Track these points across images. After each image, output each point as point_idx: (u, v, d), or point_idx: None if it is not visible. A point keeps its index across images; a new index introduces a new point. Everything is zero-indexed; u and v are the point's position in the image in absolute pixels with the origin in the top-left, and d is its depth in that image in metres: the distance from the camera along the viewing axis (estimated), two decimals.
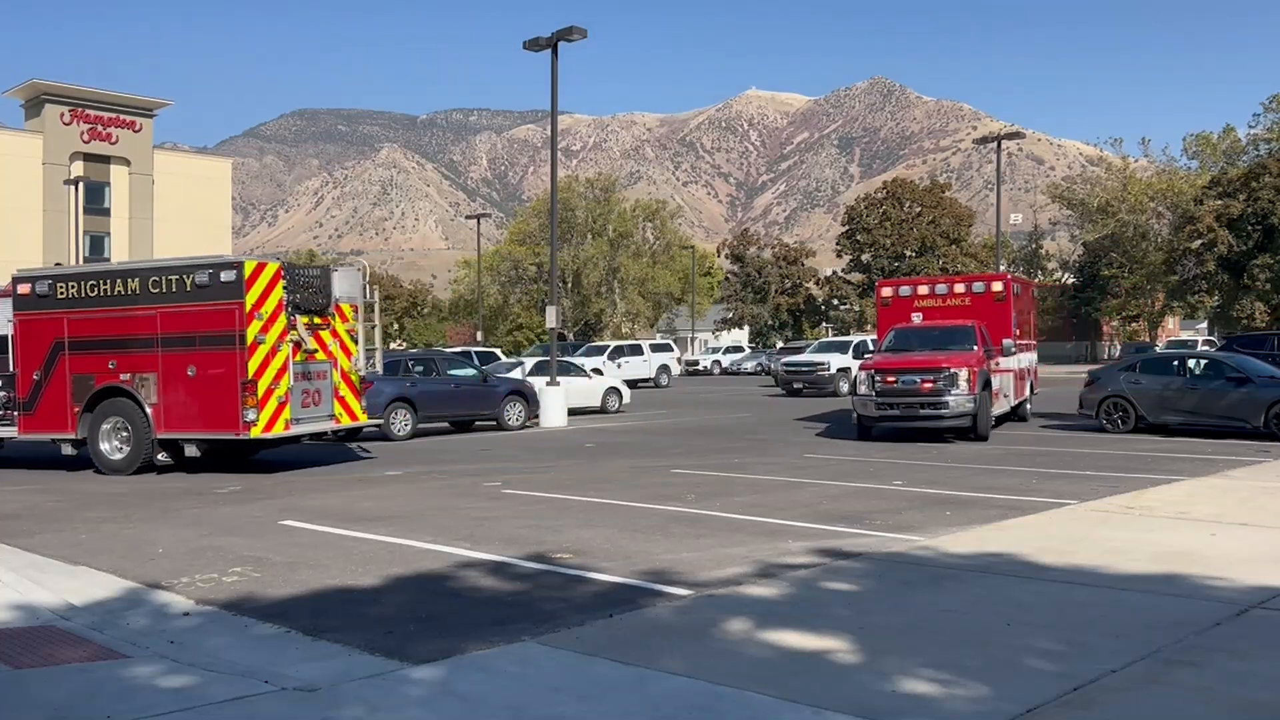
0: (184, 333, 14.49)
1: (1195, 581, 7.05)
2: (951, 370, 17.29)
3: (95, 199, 60.36)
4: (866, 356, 20.72)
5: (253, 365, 14.18)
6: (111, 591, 7.55)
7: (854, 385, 19.01)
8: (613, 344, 46.58)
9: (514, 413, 23.00)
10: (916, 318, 20.58)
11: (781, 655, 5.54)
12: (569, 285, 77.94)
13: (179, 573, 8.12)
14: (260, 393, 14.20)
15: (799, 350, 42.44)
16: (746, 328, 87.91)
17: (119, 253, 61.61)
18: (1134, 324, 74.13)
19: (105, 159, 62.04)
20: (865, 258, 78.89)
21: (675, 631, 6.07)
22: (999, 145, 42.52)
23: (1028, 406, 22.34)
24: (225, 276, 14.28)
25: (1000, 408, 19.13)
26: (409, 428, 21.03)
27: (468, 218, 78.43)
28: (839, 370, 34.05)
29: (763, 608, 6.52)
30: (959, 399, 17.17)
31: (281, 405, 14.52)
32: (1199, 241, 60.99)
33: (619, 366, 41.77)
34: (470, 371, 23.40)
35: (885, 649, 5.59)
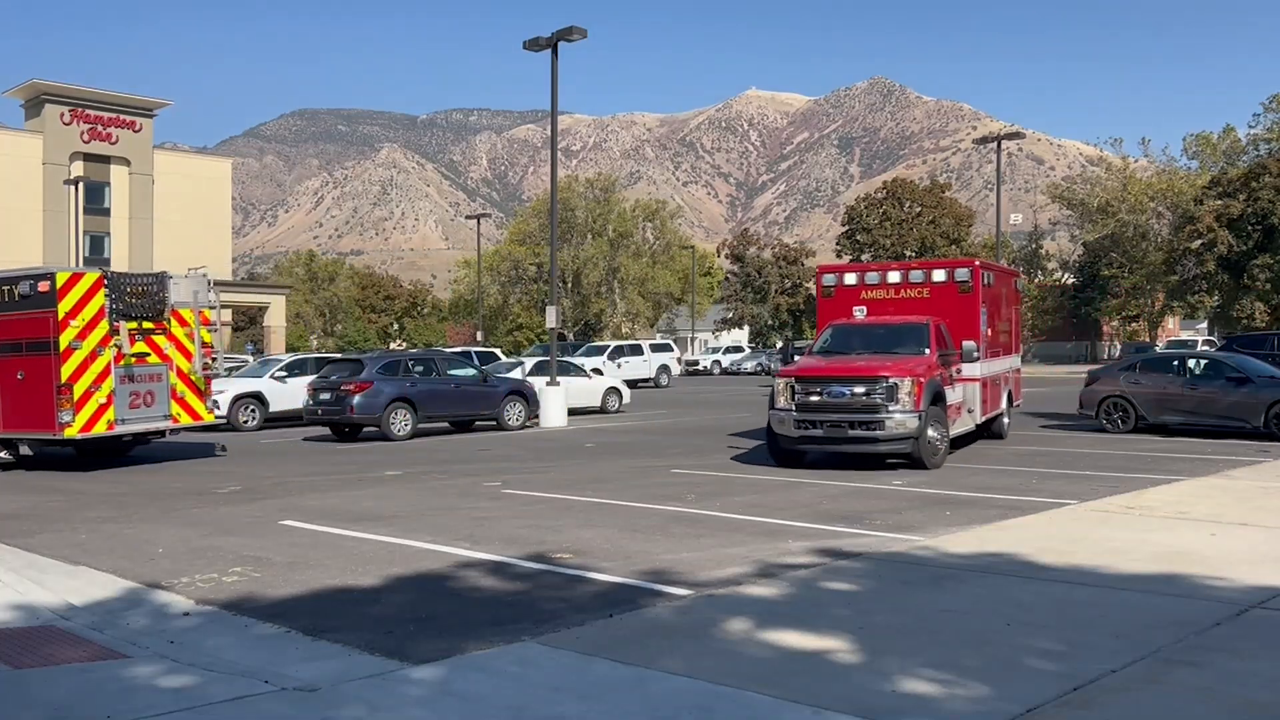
0: (12, 340, 15.59)
1: (1195, 581, 7.05)
2: (891, 380, 13.63)
3: (95, 199, 60.31)
4: (794, 360, 15.72)
5: (66, 370, 15.13)
6: (111, 591, 7.55)
7: (771, 398, 14.70)
8: (613, 344, 46.57)
9: (514, 413, 23.00)
10: (859, 311, 16.54)
11: (781, 655, 5.54)
12: (569, 285, 77.94)
13: (179, 573, 8.12)
14: (76, 396, 15.19)
15: (799, 350, 42.39)
16: (746, 328, 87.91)
17: (119, 253, 61.58)
18: (1134, 324, 74.12)
19: (105, 159, 61.98)
20: (865, 258, 78.83)
21: (675, 631, 6.07)
22: (999, 145, 42.52)
23: (1005, 421, 18.16)
24: (41, 287, 15.32)
25: (962, 425, 15.62)
26: (409, 428, 21.04)
27: (468, 218, 78.46)
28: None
29: (763, 608, 6.52)
30: (899, 417, 13.53)
31: (103, 407, 15.50)
32: (1199, 241, 60.99)
33: (619, 366, 41.76)
34: (470, 371, 23.41)
35: (885, 649, 5.59)
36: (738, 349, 70.62)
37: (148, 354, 16.24)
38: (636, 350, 45.26)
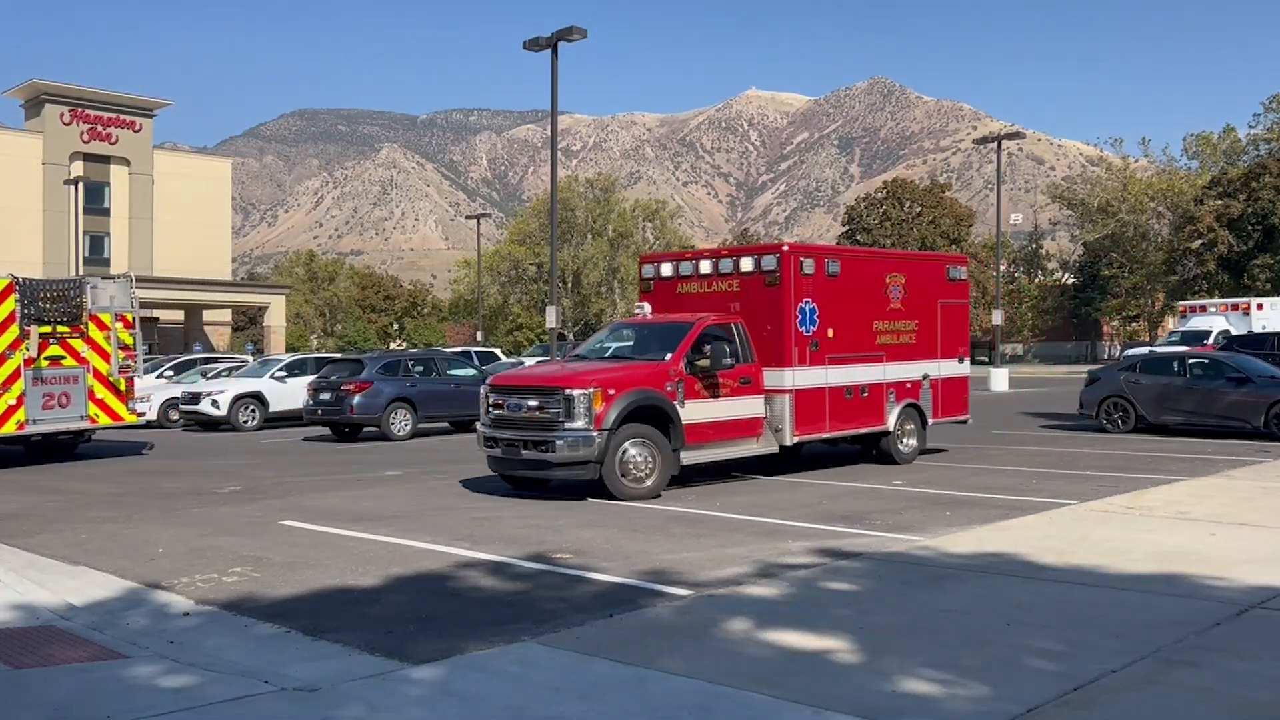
0: None
1: (1195, 581, 7.05)
2: (566, 392, 11.56)
3: (95, 199, 60.31)
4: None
5: None
6: (111, 591, 7.55)
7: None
8: None
9: None
10: (642, 310, 14.09)
11: (781, 655, 5.55)
12: (569, 285, 77.95)
13: (179, 573, 8.12)
14: None
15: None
16: None
17: (119, 253, 61.61)
18: (1134, 324, 74.15)
19: (105, 159, 61.98)
20: None
21: (675, 631, 6.07)
22: (999, 145, 42.51)
23: (905, 442, 14.95)
24: None
25: (761, 445, 13.22)
26: (409, 428, 21.05)
27: (468, 218, 78.46)
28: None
29: (763, 608, 6.52)
30: (572, 437, 11.45)
31: (12, 408, 16.19)
32: (1199, 241, 61.01)
33: None
34: (470, 371, 23.40)
35: (885, 649, 5.59)
36: None
37: (63, 357, 16.89)
38: None
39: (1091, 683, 4.99)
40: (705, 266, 14.18)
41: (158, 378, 28.50)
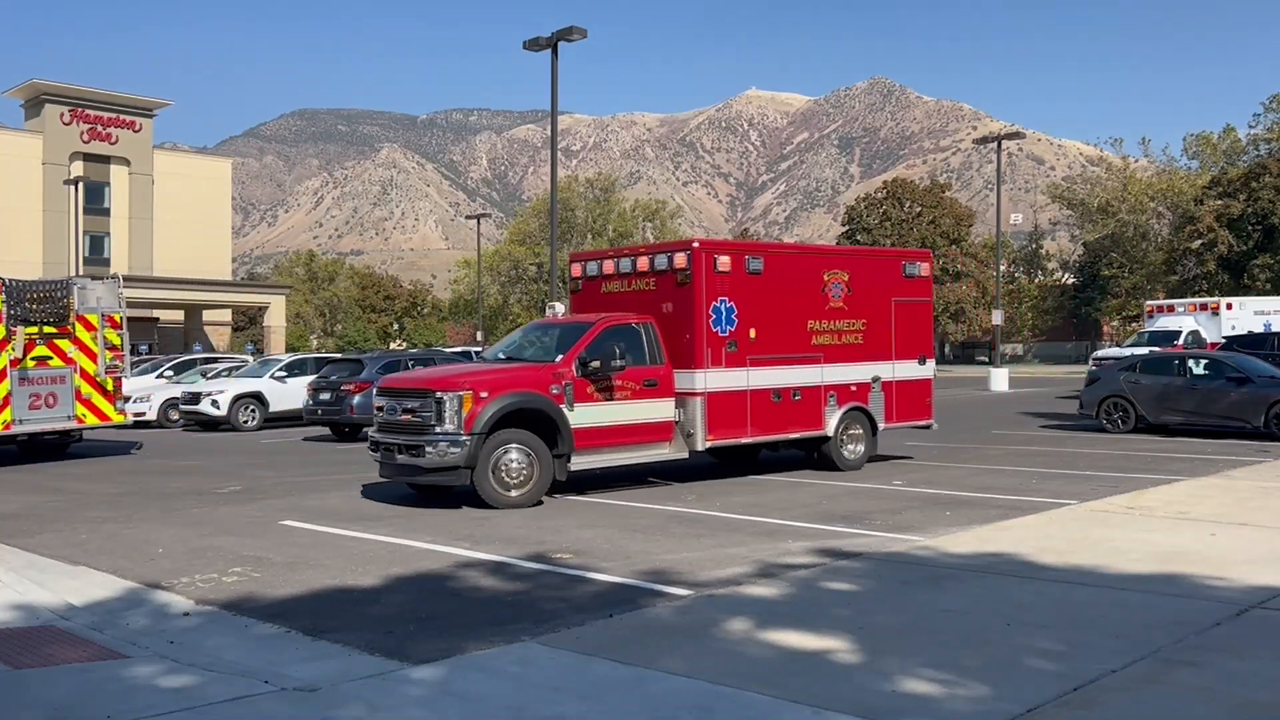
0: None
1: (1195, 581, 7.05)
2: (437, 395, 11.21)
3: (95, 199, 60.32)
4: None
5: None
6: (111, 591, 7.55)
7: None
8: None
9: None
10: (554, 310, 13.05)
11: (781, 655, 5.55)
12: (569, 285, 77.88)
13: (179, 573, 8.13)
14: None
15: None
16: None
17: (119, 253, 61.62)
18: (1134, 324, 74.13)
19: (105, 159, 61.98)
20: None
21: (675, 631, 6.07)
22: (999, 145, 42.53)
23: (851, 448, 14.24)
24: None
25: (673, 450, 12.67)
26: None
27: (468, 218, 78.47)
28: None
29: (763, 608, 6.52)
30: (443, 441, 11.07)
31: None
32: (1199, 241, 61.01)
33: None
34: None
35: (885, 649, 5.59)
36: None
37: (50, 357, 17.06)
38: None
39: (1091, 683, 4.99)
40: (625, 265, 13.66)
41: (158, 378, 28.50)
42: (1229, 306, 30.70)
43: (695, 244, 13.02)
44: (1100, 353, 30.12)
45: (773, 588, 7.11)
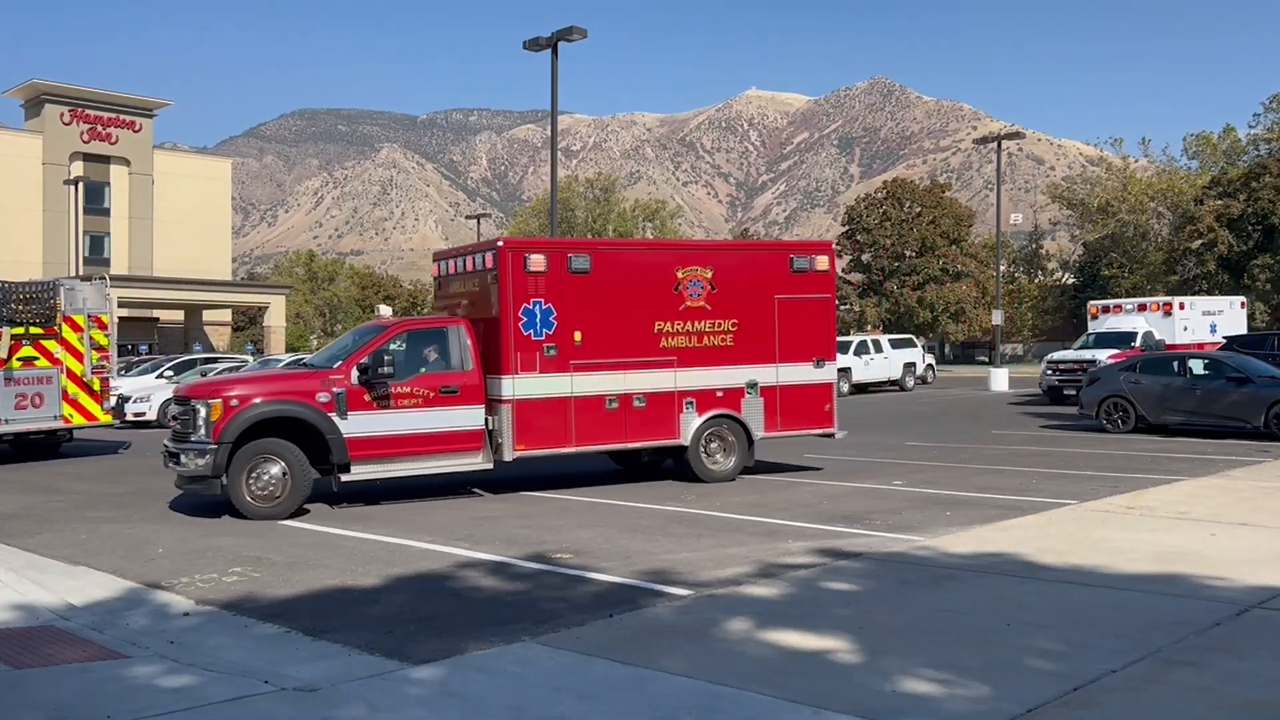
0: None
1: (1195, 581, 7.05)
2: (193, 403, 11.13)
3: (95, 199, 60.29)
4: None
5: None
6: (111, 591, 7.55)
7: None
8: None
9: None
10: (381, 312, 12.38)
11: (781, 655, 5.55)
12: None
13: (179, 573, 8.13)
14: None
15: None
16: None
17: (119, 253, 61.59)
18: None
19: (105, 159, 61.95)
20: (865, 258, 78.84)
21: (675, 631, 6.07)
22: (999, 145, 42.51)
23: (704, 461, 13.15)
24: None
25: (483, 460, 12.04)
26: None
27: (468, 218, 78.47)
28: (839, 370, 34.17)
29: (763, 608, 6.52)
30: (194, 449, 10.95)
31: None
32: (1199, 241, 60.98)
33: None
34: None
35: (885, 649, 5.59)
36: None
37: (36, 358, 17.19)
38: None
39: (1092, 683, 5.00)
40: (461, 265, 13.09)
41: (158, 378, 28.48)
42: (1181, 306, 29.55)
43: (500, 242, 12.47)
44: (1053, 355, 28.56)
45: (773, 588, 7.11)
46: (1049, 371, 27.97)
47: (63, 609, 7.05)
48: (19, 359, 16.97)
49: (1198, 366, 19.17)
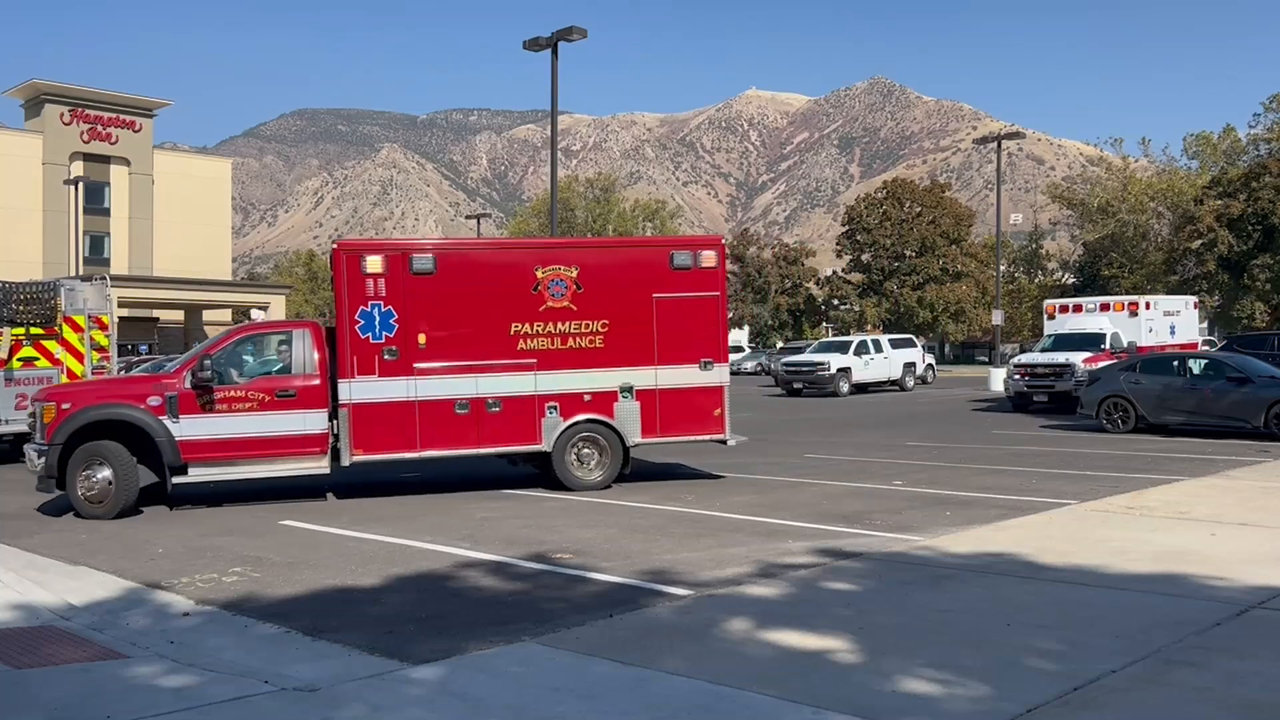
0: None
1: (1195, 581, 7.05)
2: (36, 406, 11.72)
3: (95, 199, 60.26)
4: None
5: None
6: (111, 591, 7.55)
7: None
8: None
9: None
10: (254, 315, 13.02)
11: (782, 655, 5.55)
12: None
13: (179, 573, 8.13)
14: None
15: (799, 350, 42.43)
16: (746, 327, 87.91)
17: (119, 253, 61.57)
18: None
19: (105, 159, 61.92)
20: (865, 258, 78.92)
21: (675, 631, 6.07)
22: (999, 145, 42.53)
23: (570, 468, 12.56)
24: None
25: (326, 464, 11.95)
26: None
27: (468, 218, 78.48)
28: (839, 370, 34.17)
29: (763, 608, 6.52)
30: (34, 451, 11.38)
31: None
32: (1199, 241, 60.97)
33: None
34: None
35: (885, 649, 5.59)
36: (738, 349, 70.66)
37: (36, 359, 17.21)
38: None
39: (1092, 683, 5.00)
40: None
41: None
42: (1147, 306, 27.36)
43: (335, 245, 12.26)
44: (1021, 358, 26.77)
45: (773, 588, 7.11)
46: (1016, 376, 25.87)
47: (63, 609, 7.05)
48: (19, 359, 16.99)
49: (1198, 367, 19.19)
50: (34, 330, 17.18)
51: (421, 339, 12.03)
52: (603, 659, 5.50)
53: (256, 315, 14.57)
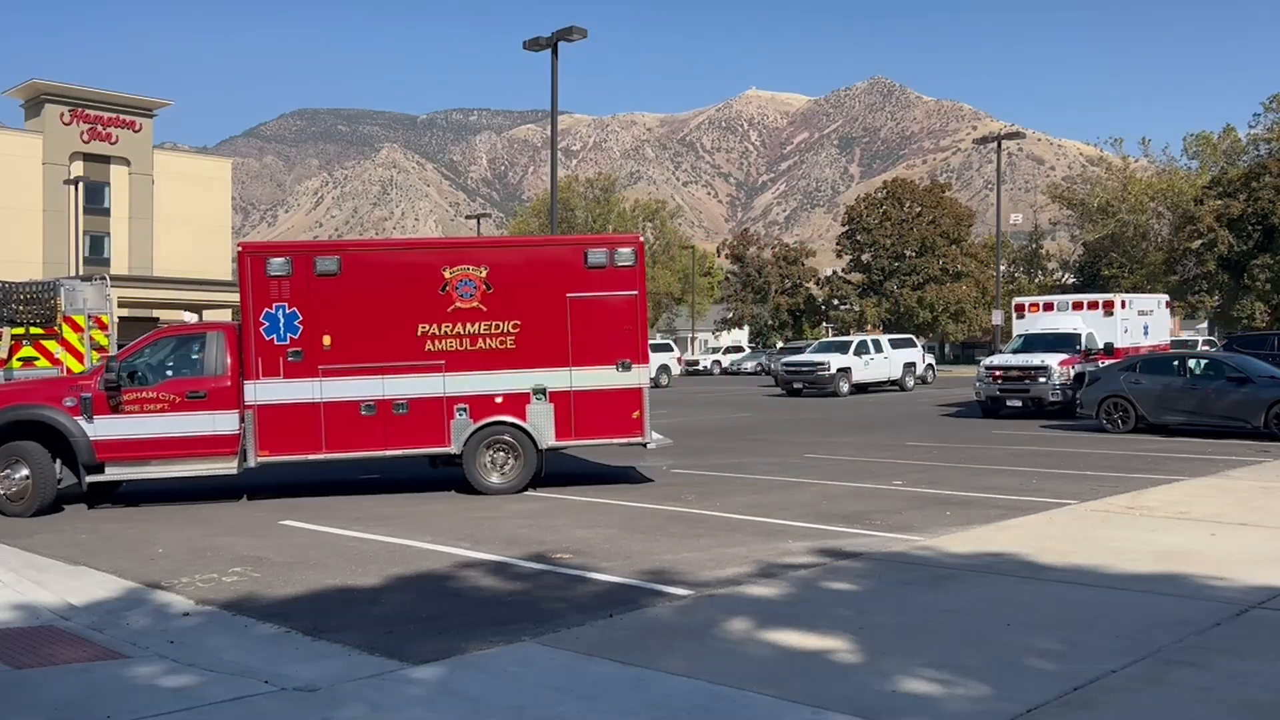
0: None
1: (1195, 581, 7.05)
2: None
3: (95, 199, 60.26)
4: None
5: None
6: (111, 591, 7.55)
7: None
8: None
9: None
10: (186, 319, 12.90)
11: (781, 655, 5.55)
12: None
13: (179, 573, 8.13)
14: None
15: (799, 350, 42.44)
16: (746, 328, 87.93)
17: (119, 253, 61.58)
18: None
19: (105, 159, 61.93)
20: (865, 258, 78.93)
21: (675, 631, 6.07)
22: (999, 145, 42.55)
23: (480, 472, 12.38)
24: None
25: (237, 465, 12.01)
26: None
27: (468, 218, 78.49)
28: (839, 370, 34.15)
29: (763, 608, 6.52)
30: None
31: None
32: (1199, 241, 60.97)
33: None
34: None
35: (885, 649, 5.59)
36: (738, 349, 70.67)
37: (36, 359, 17.08)
38: None
39: (1092, 683, 5.00)
40: None
41: None
42: (1122, 305, 25.59)
43: (239, 247, 12.39)
44: (993, 359, 25.10)
45: (773, 588, 7.11)
46: (988, 378, 23.82)
47: (63, 609, 7.05)
48: (19, 359, 16.93)
49: (1198, 367, 19.19)
50: (34, 330, 17.15)
51: (326, 340, 12.02)
52: (603, 659, 5.50)
53: (188, 319, 14.75)
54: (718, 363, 62.90)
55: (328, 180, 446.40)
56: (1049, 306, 26.86)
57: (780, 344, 69.15)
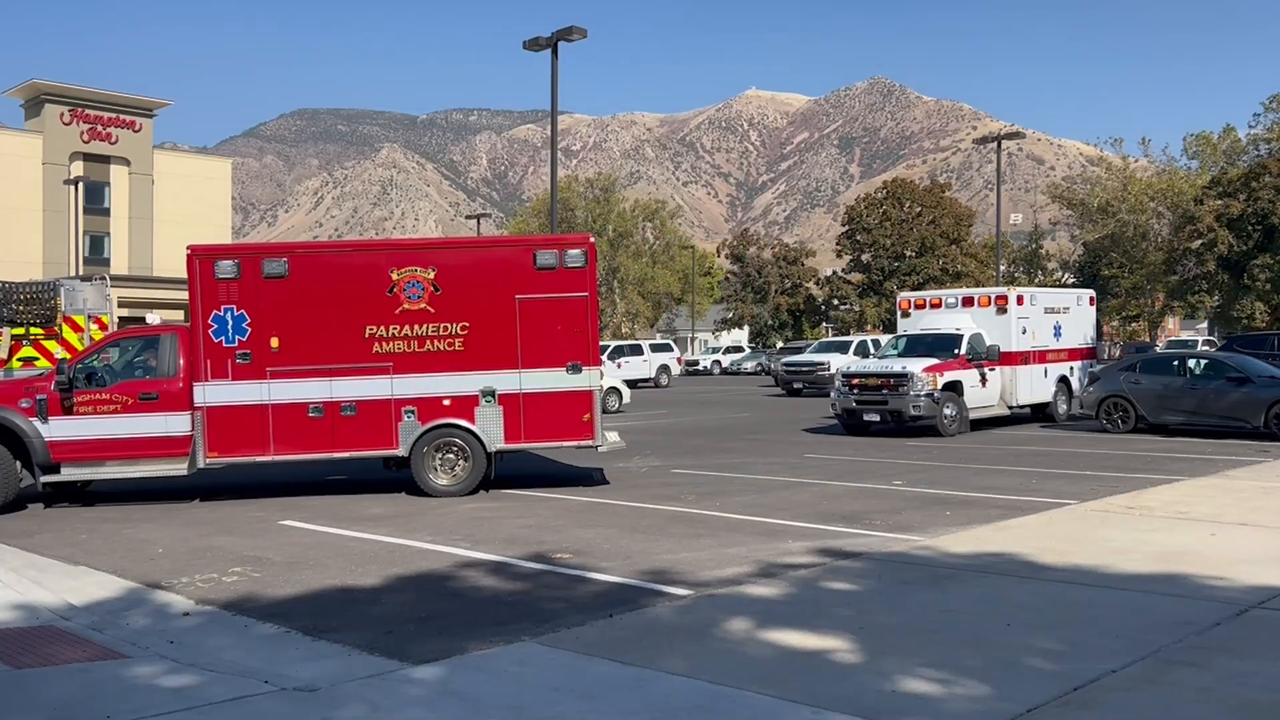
0: None
1: (1195, 581, 7.05)
2: None
3: (95, 199, 60.28)
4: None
5: None
6: (111, 591, 7.55)
7: None
8: (613, 344, 46.56)
9: None
10: (150, 320, 13.63)
11: (781, 655, 5.55)
12: None
13: (179, 573, 8.13)
14: None
15: (799, 350, 42.44)
16: (746, 328, 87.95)
17: (119, 253, 61.59)
18: (1134, 324, 74.09)
19: (105, 159, 61.93)
20: (865, 258, 78.96)
21: (675, 631, 6.07)
22: (999, 145, 42.53)
23: (428, 474, 12.33)
24: None
25: (188, 466, 12.11)
26: None
27: (468, 218, 78.49)
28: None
29: (763, 608, 6.52)
30: None
31: None
32: (1199, 241, 60.96)
33: (619, 366, 41.69)
34: None
35: (885, 649, 5.59)
36: (738, 349, 70.65)
37: (36, 359, 17.09)
38: (636, 350, 45.23)
39: (1092, 683, 5.00)
40: None
41: None
42: (1020, 301, 21.59)
43: (189, 249, 12.23)
44: (851, 366, 21.52)
45: (773, 588, 7.11)
46: (845, 389, 20.39)
47: (63, 609, 7.05)
48: (19, 359, 16.95)
49: (1197, 367, 19.19)
50: (34, 330, 17.18)
51: (274, 342, 12.05)
52: (603, 659, 5.50)
53: (151, 320, 14.85)
54: (718, 363, 62.89)
55: (328, 180, 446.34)
56: (936, 303, 23.24)
57: (780, 344, 69.16)
